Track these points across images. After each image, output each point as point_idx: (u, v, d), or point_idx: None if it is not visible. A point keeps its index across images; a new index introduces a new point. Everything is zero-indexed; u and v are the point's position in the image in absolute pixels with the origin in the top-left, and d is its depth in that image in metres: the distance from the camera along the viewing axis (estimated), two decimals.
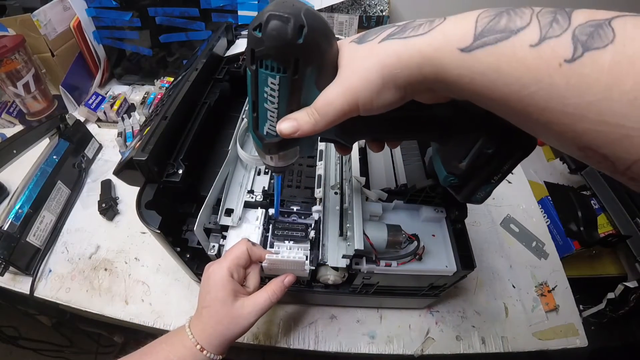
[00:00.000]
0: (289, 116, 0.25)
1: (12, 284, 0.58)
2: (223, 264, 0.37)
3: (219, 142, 0.53)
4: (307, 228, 0.43)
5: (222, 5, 0.76)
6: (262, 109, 0.25)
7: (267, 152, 0.29)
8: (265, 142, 0.27)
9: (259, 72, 0.23)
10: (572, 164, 0.84)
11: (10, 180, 0.68)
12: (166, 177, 0.41)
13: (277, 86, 0.23)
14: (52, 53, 0.78)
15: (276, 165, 0.31)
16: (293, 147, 0.29)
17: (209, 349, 0.34)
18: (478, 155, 0.28)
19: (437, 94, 0.23)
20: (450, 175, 0.32)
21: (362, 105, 0.23)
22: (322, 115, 0.24)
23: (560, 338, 0.57)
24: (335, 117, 0.24)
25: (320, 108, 0.24)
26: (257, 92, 0.24)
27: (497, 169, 0.29)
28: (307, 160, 0.54)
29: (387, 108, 0.24)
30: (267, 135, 0.27)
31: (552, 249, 0.69)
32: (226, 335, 0.35)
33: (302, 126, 0.24)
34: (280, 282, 0.39)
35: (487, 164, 0.29)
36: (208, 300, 0.36)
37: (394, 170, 0.50)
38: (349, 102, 0.23)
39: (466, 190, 0.32)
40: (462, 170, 0.30)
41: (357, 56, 0.23)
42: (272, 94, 0.24)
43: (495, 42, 0.18)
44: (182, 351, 0.34)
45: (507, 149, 0.28)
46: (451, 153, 0.31)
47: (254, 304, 0.36)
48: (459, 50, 0.19)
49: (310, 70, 0.23)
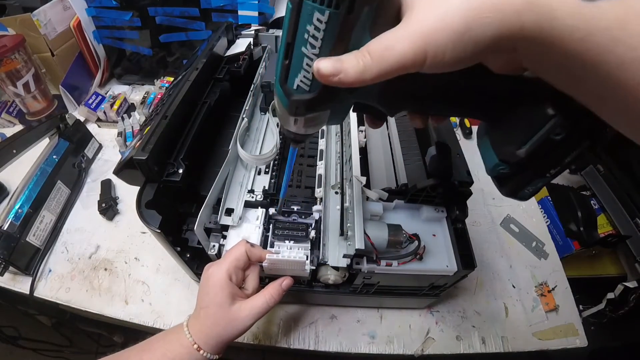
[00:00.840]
0: (333, 57, 0.20)
1: (12, 284, 0.58)
2: (222, 266, 0.37)
3: (219, 141, 0.53)
4: (307, 228, 0.43)
5: (222, 5, 0.76)
6: (299, 54, 0.21)
7: (293, 113, 0.24)
8: (293, 98, 0.23)
9: (304, 3, 0.19)
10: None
11: (10, 180, 0.67)
12: (166, 177, 0.41)
13: (323, 25, 0.19)
14: (52, 53, 0.78)
15: (298, 131, 0.27)
16: (324, 109, 0.25)
17: (205, 348, 0.35)
18: (543, 142, 0.23)
19: (518, 58, 0.19)
20: (501, 164, 0.26)
21: (433, 55, 0.18)
22: (375, 61, 0.19)
23: (560, 338, 0.57)
24: (392, 65, 0.19)
25: (375, 51, 0.19)
26: (295, 32, 0.20)
27: (559, 160, 0.25)
28: (307, 160, 0.54)
29: (459, 64, 0.19)
30: (297, 89, 0.22)
31: (552, 249, 0.69)
32: (222, 336, 0.35)
33: (348, 69, 0.20)
34: (278, 286, 0.39)
35: (551, 153, 0.24)
36: (206, 302, 0.36)
37: (394, 169, 0.50)
38: (417, 48, 0.18)
39: (515, 182, 0.27)
40: (519, 158, 0.24)
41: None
42: (315, 34, 0.19)
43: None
44: (179, 349, 0.34)
45: (576, 137, 0.23)
46: (508, 136, 0.26)
47: (250, 307, 0.36)
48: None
49: (367, 10, 0.19)
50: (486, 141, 0.28)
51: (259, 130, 0.56)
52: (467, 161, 0.45)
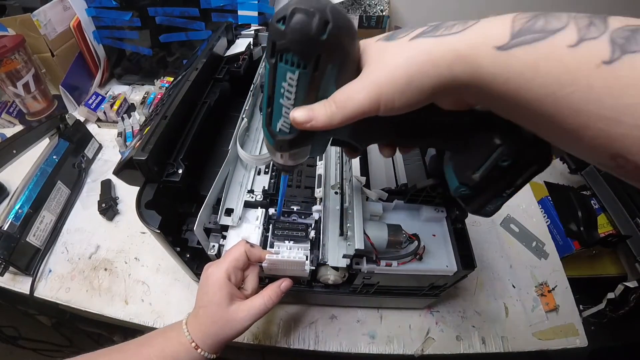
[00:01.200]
0: (305, 106, 0.24)
1: (12, 284, 0.58)
2: (221, 266, 0.37)
3: (219, 141, 0.53)
4: (307, 228, 0.43)
5: (222, 5, 0.76)
6: (278, 104, 0.24)
7: (278, 150, 0.28)
8: (277, 138, 0.27)
9: (278, 66, 0.22)
10: (572, 164, 0.83)
11: (10, 180, 0.67)
12: (166, 177, 0.41)
13: (295, 82, 0.23)
14: (52, 53, 0.78)
15: (285, 163, 0.31)
16: (304, 145, 0.28)
17: (203, 347, 0.35)
18: (493, 167, 0.27)
19: (461, 98, 0.23)
20: (462, 186, 0.31)
21: (385, 102, 0.22)
22: (339, 109, 0.23)
23: (560, 338, 0.57)
24: (353, 112, 0.23)
25: (339, 101, 0.23)
26: (274, 87, 0.24)
27: (510, 182, 0.29)
28: (307, 160, 0.54)
29: (408, 108, 0.23)
30: (280, 132, 0.26)
31: (552, 249, 0.69)
32: (220, 336, 0.36)
33: (317, 117, 0.23)
34: (277, 288, 0.39)
35: (501, 176, 0.28)
36: (205, 301, 0.36)
37: (394, 170, 0.50)
38: (371, 98, 0.22)
39: (477, 202, 0.31)
40: (475, 182, 0.29)
41: (385, 53, 0.23)
42: (289, 89, 0.23)
43: (532, 41, 0.18)
44: (177, 347, 0.35)
45: (523, 163, 0.27)
46: (465, 163, 0.30)
47: (248, 308, 0.37)
48: (496, 48, 0.18)
49: (331, 68, 0.22)
50: (449, 167, 0.32)
51: (258, 130, 0.56)
52: None
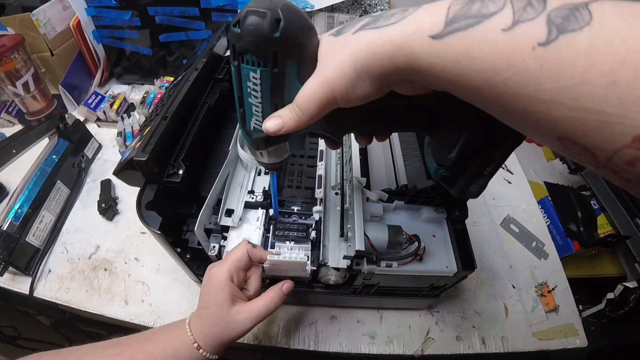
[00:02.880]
0: (273, 114, 0.25)
1: (11, 284, 0.58)
2: (224, 267, 0.37)
3: (219, 142, 0.53)
4: (307, 228, 0.43)
5: (222, 4, 0.76)
6: (247, 104, 0.25)
7: (257, 148, 0.29)
8: (253, 137, 0.28)
9: (241, 67, 0.23)
10: (572, 164, 0.83)
11: (9, 180, 0.67)
12: (166, 178, 0.41)
13: (259, 80, 0.23)
14: (52, 52, 0.77)
15: (268, 161, 0.31)
16: (282, 142, 0.29)
17: (205, 347, 0.35)
18: (465, 147, 0.27)
19: (415, 84, 0.22)
20: (440, 168, 0.31)
21: (339, 97, 0.23)
22: (303, 110, 0.24)
23: (560, 338, 0.57)
24: (315, 110, 0.24)
25: (301, 103, 0.24)
26: (241, 88, 0.25)
27: (487, 159, 0.28)
28: (307, 161, 0.54)
29: (365, 99, 0.23)
30: (254, 130, 0.27)
31: (552, 249, 0.69)
32: (221, 337, 0.36)
33: (287, 123, 0.24)
34: (279, 290, 0.39)
35: (476, 154, 0.28)
36: (207, 302, 0.37)
37: (394, 170, 0.50)
38: (327, 94, 0.23)
39: (459, 183, 0.32)
40: (451, 162, 0.29)
41: (333, 49, 0.23)
42: (254, 88, 0.24)
43: (466, 27, 0.17)
44: (179, 345, 0.35)
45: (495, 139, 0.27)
46: (440, 144, 0.30)
47: (249, 310, 0.37)
48: (430, 37, 0.18)
49: (290, 64, 0.23)
50: (428, 151, 0.33)
51: None
52: None
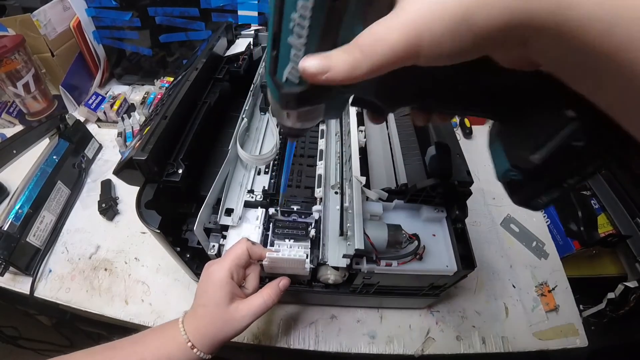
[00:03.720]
0: (320, 53, 0.18)
1: (12, 284, 0.58)
2: (223, 264, 0.37)
3: (219, 141, 0.53)
4: (307, 227, 0.43)
5: (222, 5, 0.76)
6: (285, 45, 0.19)
7: (284, 106, 0.22)
8: (283, 91, 0.21)
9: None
10: None
11: (10, 180, 0.67)
12: (166, 177, 0.41)
13: (309, 12, 0.17)
14: (52, 53, 0.78)
15: (293, 125, 0.24)
16: (317, 103, 0.22)
17: (200, 347, 0.34)
18: (561, 147, 0.20)
19: (527, 52, 0.17)
20: (513, 169, 0.23)
21: (427, 47, 0.16)
22: (366, 55, 0.17)
23: (560, 338, 0.57)
24: (384, 59, 0.17)
25: (366, 45, 0.17)
26: (280, 21, 0.18)
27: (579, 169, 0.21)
28: (307, 160, 0.54)
29: (456, 58, 0.17)
30: (286, 82, 0.20)
31: (552, 248, 0.69)
32: (218, 336, 0.35)
33: (336, 66, 0.17)
34: (276, 286, 0.39)
35: (568, 160, 0.21)
36: (204, 300, 0.36)
37: (394, 169, 0.50)
38: (409, 40, 0.16)
39: (527, 190, 0.24)
40: (533, 164, 0.21)
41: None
42: (300, 22, 0.17)
43: None
44: (173, 346, 0.34)
45: (602, 144, 0.20)
46: (522, 139, 0.23)
47: (248, 308, 0.36)
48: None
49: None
50: (497, 143, 0.25)
51: (258, 130, 0.56)
52: (467, 161, 0.45)
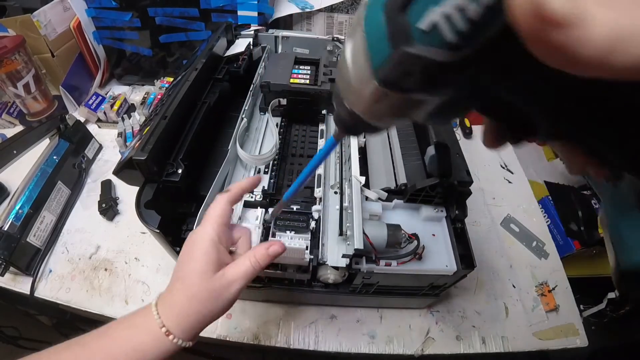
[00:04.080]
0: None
1: (12, 284, 0.58)
2: (207, 227, 0.31)
3: (219, 141, 0.53)
4: (308, 218, 0.43)
5: (221, 5, 0.76)
6: None
7: (393, 79, 0.13)
8: (408, 49, 0.12)
9: None
10: None
11: (10, 181, 0.67)
12: (166, 177, 0.41)
13: None
14: (52, 53, 0.78)
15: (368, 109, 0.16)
16: (445, 87, 0.13)
17: (176, 332, 0.28)
18: None
19: None
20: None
21: None
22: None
23: (560, 338, 0.57)
24: None
25: None
26: None
27: None
28: (307, 160, 0.54)
29: None
30: (427, 34, 0.11)
31: (552, 248, 0.69)
32: (202, 312, 0.29)
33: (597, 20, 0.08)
34: (264, 250, 0.32)
35: None
36: (185, 271, 0.30)
37: (393, 169, 0.50)
38: None
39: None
40: None
41: None
42: None
43: None
44: (143, 337, 0.28)
45: None
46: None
47: (235, 273, 0.30)
48: None
49: None
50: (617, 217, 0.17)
51: (258, 130, 0.57)
52: (466, 161, 0.45)
